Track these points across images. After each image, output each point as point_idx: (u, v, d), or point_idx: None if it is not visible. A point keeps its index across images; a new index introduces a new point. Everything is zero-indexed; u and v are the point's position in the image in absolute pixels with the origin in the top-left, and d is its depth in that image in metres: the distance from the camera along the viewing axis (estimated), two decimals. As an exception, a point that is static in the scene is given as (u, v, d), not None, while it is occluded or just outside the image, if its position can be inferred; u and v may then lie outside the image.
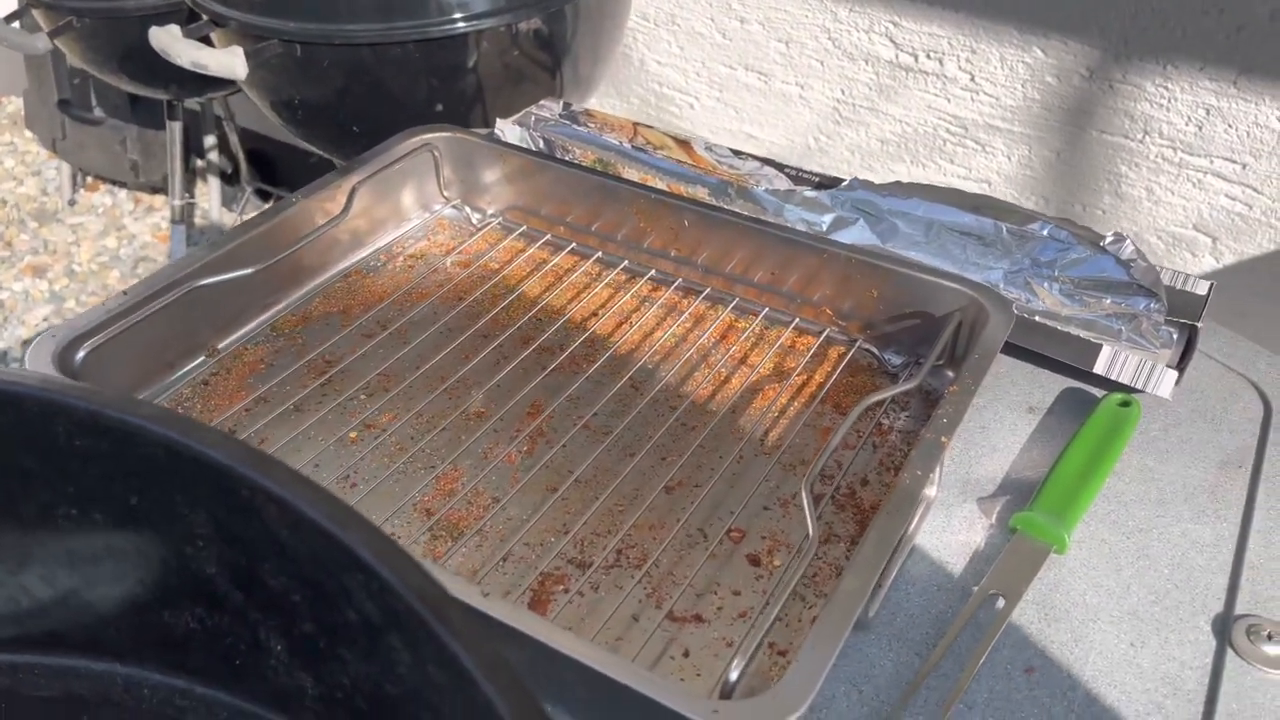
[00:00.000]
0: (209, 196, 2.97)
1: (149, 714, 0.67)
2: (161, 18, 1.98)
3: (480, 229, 1.08)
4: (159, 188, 3.17)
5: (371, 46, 1.57)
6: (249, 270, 0.88)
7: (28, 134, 3.58)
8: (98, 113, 3.09)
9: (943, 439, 0.71)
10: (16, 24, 2.30)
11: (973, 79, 1.65)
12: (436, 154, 1.07)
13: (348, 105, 1.66)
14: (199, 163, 3.01)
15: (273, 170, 3.09)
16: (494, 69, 1.51)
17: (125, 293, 0.84)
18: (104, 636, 0.63)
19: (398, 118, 1.58)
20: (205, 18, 1.68)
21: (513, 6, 1.48)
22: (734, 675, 0.58)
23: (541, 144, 1.10)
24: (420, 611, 0.43)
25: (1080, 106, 1.58)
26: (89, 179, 3.30)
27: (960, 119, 1.69)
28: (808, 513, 0.67)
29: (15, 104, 3.77)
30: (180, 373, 0.88)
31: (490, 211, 1.09)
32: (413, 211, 1.09)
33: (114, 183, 3.26)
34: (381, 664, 0.48)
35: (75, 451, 0.53)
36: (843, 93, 1.79)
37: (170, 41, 1.73)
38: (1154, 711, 0.65)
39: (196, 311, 0.88)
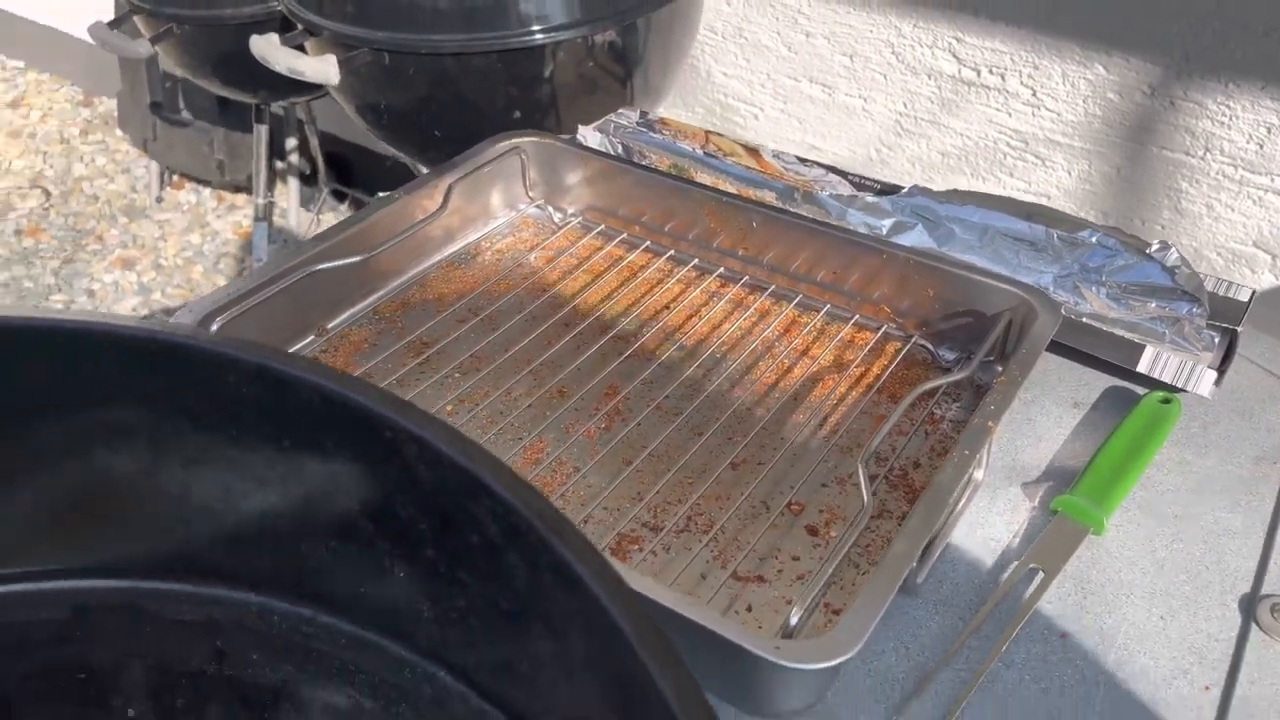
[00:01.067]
0: (288, 196, 3.11)
1: (276, 639, 0.76)
2: (255, 26, 2.11)
3: (561, 227, 1.16)
4: (241, 187, 3.32)
5: (455, 56, 1.67)
6: (358, 258, 0.97)
7: (118, 133, 3.75)
8: (185, 115, 3.25)
9: (990, 424, 0.78)
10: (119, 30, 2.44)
11: (1034, 94, 1.70)
12: (524, 157, 1.15)
13: (431, 111, 1.76)
14: (279, 164, 3.15)
15: (349, 172, 3.22)
16: (569, 79, 1.60)
17: (251, 274, 0.94)
18: (244, 567, 0.72)
19: (477, 124, 1.68)
20: (300, 27, 1.79)
21: (589, 19, 1.57)
22: (794, 621, 0.65)
23: (620, 149, 1.18)
24: (540, 529, 0.51)
25: (1141, 123, 1.62)
26: (175, 177, 3.46)
27: (1021, 133, 1.74)
28: (863, 485, 0.74)
29: (107, 104, 3.96)
30: (294, 349, 0.98)
31: (571, 211, 1.17)
32: (500, 210, 1.18)
33: (199, 181, 3.41)
34: (499, 582, 0.56)
35: (242, 398, 0.61)
36: (905, 106, 1.85)
37: (269, 49, 1.85)
38: (1180, 675, 0.71)
39: (310, 294, 0.97)
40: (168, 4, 2.13)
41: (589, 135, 1.19)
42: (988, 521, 0.83)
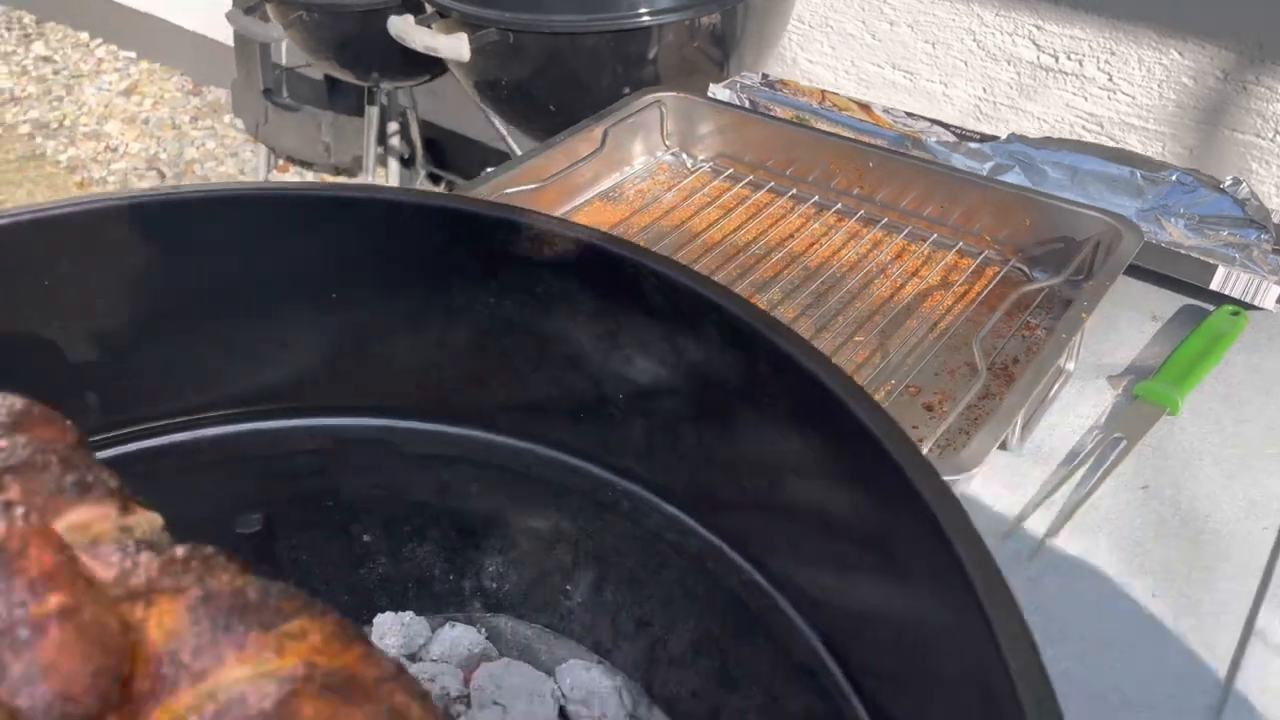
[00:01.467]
0: (388, 177, 3.32)
1: (501, 469, 0.93)
2: (375, 13, 2.31)
3: (693, 171, 1.33)
4: (343, 168, 3.53)
5: (569, 35, 1.85)
6: (535, 185, 1.15)
7: (226, 119, 4.00)
8: (288, 100, 3.47)
9: (1083, 314, 0.93)
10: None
11: (1110, 79, 1.84)
12: (663, 109, 1.32)
13: (544, 87, 1.95)
14: (378, 148, 3.36)
15: (443, 157, 3.43)
16: (671, 59, 1.76)
17: (450, 195, 1.11)
18: (481, 406, 0.89)
19: (586, 99, 1.86)
20: (430, 9, 1.98)
21: (693, 3, 1.73)
22: (925, 452, 0.81)
23: (747, 103, 1.34)
24: (759, 328, 0.67)
25: (1214, 106, 1.75)
26: (280, 160, 3.68)
27: (1097, 117, 1.87)
28: (978, 358, 0.89)
29: (214, 93, 4.20)
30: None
31: (701, 158, 1.34)
32: (639, 156, 1.35)
33: (302, 164, 3.64)
34: (713, 383, 0.72)
35: (507, 255, 0.78)
36: (984, 91, 1.99)
37: (406, 28, 2.06)
38: (1242, 518, 0.85)
39: (492, 213, 1.14)
40: (299, -9, 2.33)
41: (719, 92, 1.36)
42: (1077, 405, 0.97)
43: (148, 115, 4.17)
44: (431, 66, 2.52)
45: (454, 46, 1.92)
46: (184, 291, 0.80)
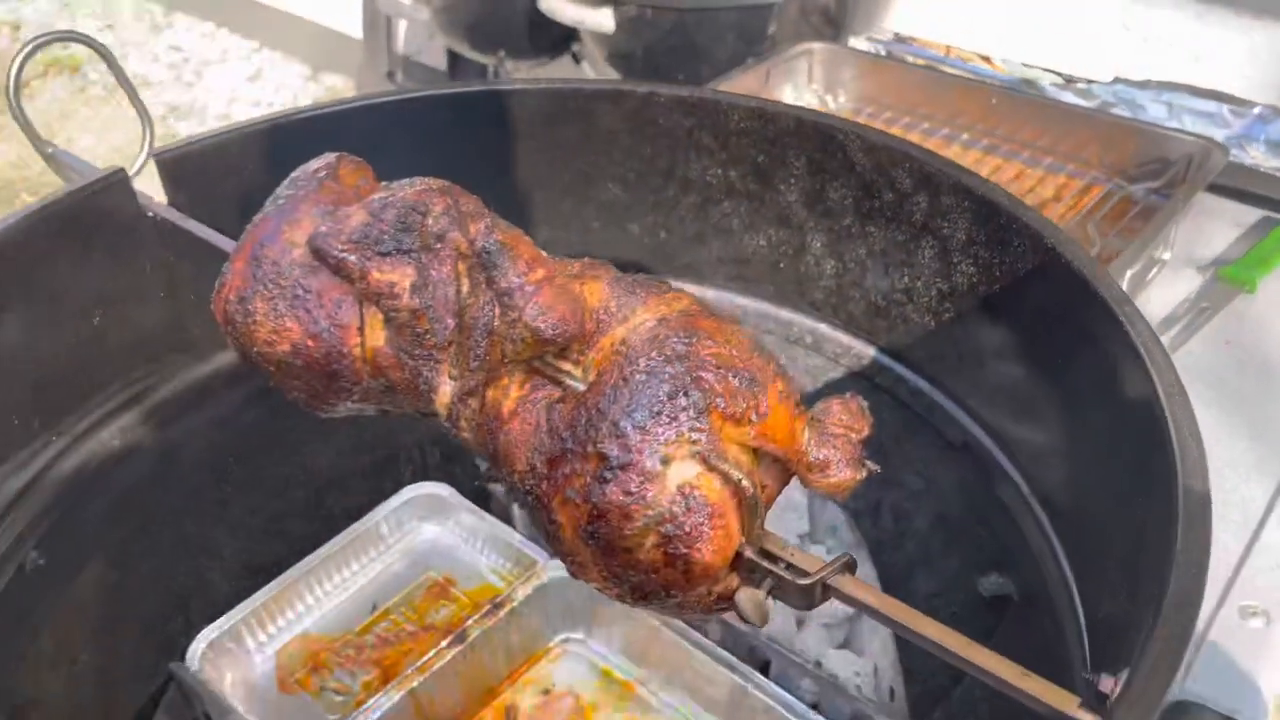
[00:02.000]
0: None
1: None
2: None
3: (837, 110, 1.56)
4: (463, 145, 3.81)
5: (699, 10, 2.10)
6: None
7: (351, 101, 4.29)
8: (402, 81, 3.76)
9: (1177, 207, 1.14)
10: None
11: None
12: (811, 57, 1.56)
13: (672, 57, 2.20)
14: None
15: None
16: (786, 33, 2.00)
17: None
18: (696, 261, 1.13)
19: (705, 69, 2.10)
20: (575, -12, 2.24)
21: None
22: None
23: (883, 53, 1.57)
24: (944, 168, 0.89)
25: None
26: (403, 137, 3.97)
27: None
28: (1093, 232, 1.11)
29: (330, 79, 4.50)
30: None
31: (843, 98, 1.57)
32: (789, 96, 1.58)
33: (423, 141, 3.92)
34: (899, 222, 0.95)
35: (736, 130, 1.02)
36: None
37: (557, 4, 2.33)
38: (1310, 363, 1.06)
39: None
40: (441, -26, 2.60)
41: (858, 44, 1.59)
42: (1173, 284, 1.19)
43: (271, 100, 4.48)
44: (551, 48, 2.78)
45: (601, 20, 2.18)
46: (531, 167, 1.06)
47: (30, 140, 0.92)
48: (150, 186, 0.94)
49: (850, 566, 0.59)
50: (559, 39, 2.73)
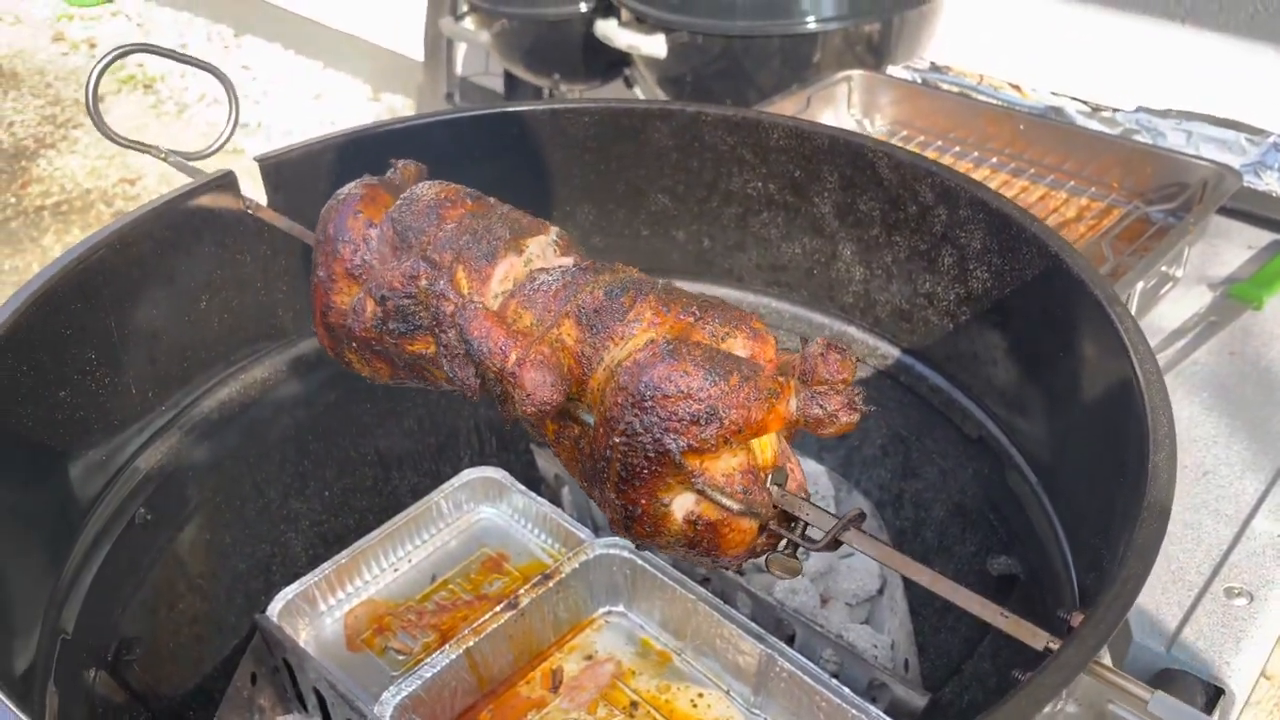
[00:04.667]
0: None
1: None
2: (565, 23, 2.71)
3: (871, 133, 1.66)
4: (516, 164, 3.94)
5: (747, 38, 2.21)
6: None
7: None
8: (459, 102, 3.91)
9: (1190, 226, 1.22)
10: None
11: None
12: (850, 83, 1.66)
13: (721, 81, 2.31)
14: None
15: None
16: (830, 60, 2.09)
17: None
18: (735, 267, 1.22)
19: (753, 93, 2.20)
20: (628, 15, 2.36)
21: (856, 12, 2.06)
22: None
23: (919, 81, 1.67)
24: (964, 185, 0.98)
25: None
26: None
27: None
28: (1106, 251, 1.20)
29: (389, 99, 4.65)
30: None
31: (880, 122, 1.67)
32: (828, 118, 1.68)
33: (479, 159, 4.06)
34: (922, 232, 1.04)
35: (775, 147, 1.12)
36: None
37: (611, 30, 2.46)
38: (1309, 373, 1.13)
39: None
40: (502, 3, 2.74)
41: (895, 71, 1.69)
42: (1184, 300, 1.27)
43: (334, 118, 4.65)
44: (604, 72, 2.90)
45: (653, 45, 2.30)
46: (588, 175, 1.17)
47: (140, 148, 1.04)
48: (251, 189, 1.07)
49: (858, 520, 0.68)
50: (612, 63, 2.86)
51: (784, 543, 0.73)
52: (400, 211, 0.84)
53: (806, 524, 0.72)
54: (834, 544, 0.70)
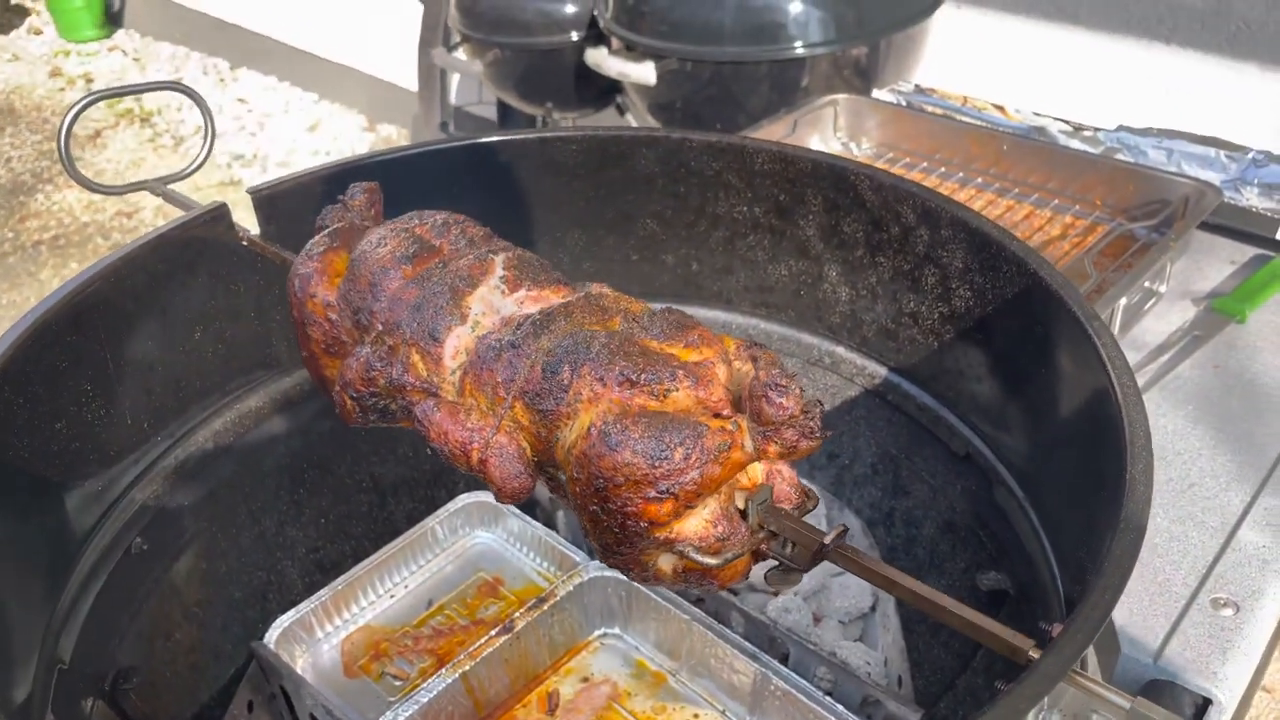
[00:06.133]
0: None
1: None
2: (556, 52, 2.74)
3: (859, 156, 1.68)
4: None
5: (736, 64, 2.24)
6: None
7: (404, 149, 4.47)
8: (460, 133, 3.95)
9: (1171, 242, 1.24)
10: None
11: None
12: (836, 107, 1.68)
13: (711, 107, 2.33)
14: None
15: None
16: (818, 85, 2.12)
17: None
18: (724, 290, 1.24)
19: (743, 118, 2.22)
20: (618, 43, 2.39)
21: (843, 37, 2.08)
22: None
23: (904, 103, 1.69)
24: (946, 207, 1.00)
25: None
26: (454, 183, 4.14)
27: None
28: (1089, 266, 1.21)
29: (386, 129, 4.69)
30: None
31: (866, 145, 1.69)
32: (815, 144, 1.70)
33: (473, 187, 4.09)
34: (905, 253, 1.05)
35: (760, 171, 1.14)
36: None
37: (601, 58, 2.48)
38: (1292, 385, 1.15)
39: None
40: (494, 33, 2.77)
41: (880, 94, 1.71)
42: (1167, 315, 1.28)
43: (329, 149, 4.69)
44: (596, 100, 2.93)
45: (642, 73, 2.33)
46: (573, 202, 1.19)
47: (130, 189, 1.06)
48: (249, 220, 1.09)
49: (841, 535, 0.69)
50: (603, 91, 2.88)
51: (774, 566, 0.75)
52: (346, 289, 0.85)
53: (794, 543, 0.73)
54: (817, 560, 0.71)
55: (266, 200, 1.08)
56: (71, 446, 0.93)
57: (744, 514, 0.73)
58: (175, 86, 1.12)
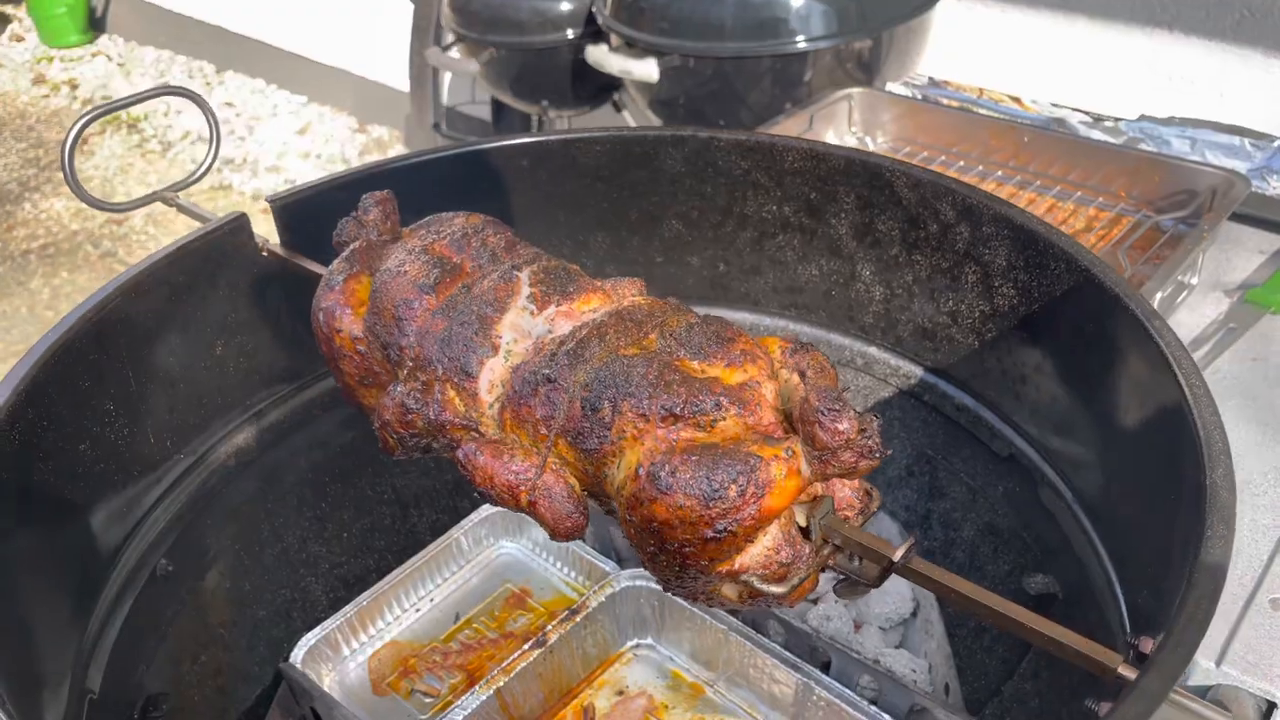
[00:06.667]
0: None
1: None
2: (552, 50, 2.70)
3: (874, 150, 1.66)
4: (506, 191, 3.93)
5: (738, 59, 2.21)
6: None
7: (390, 154, 4.46)
8: (453, 133, 3.91)
9: (1204, 233, 1.22)
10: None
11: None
12: (851, 101, 1.66)
13: (713, 103, 2.31)
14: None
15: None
16: (821, 80, 2.09)
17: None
18: (752, 291, 1.22)
19: (745, 113, 2.20)
20: (618, 40, 2.36)
21: (845, 30, 2.06)
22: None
23: (919, 96, 1.67)
24: (987, 202, 0.98)
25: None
26: (448, 184, 4.10)
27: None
28: (1121, 258, 1.19)
29: (377, 131, 4.64)
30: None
31: (881, 139, 1.67)
32: (830, 137, 1.68)
33: (468, 187, 4.05)
34: (943, 250, 1.03)
35: (790, 169, 1.12)
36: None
37: (603, 56, 2.45)
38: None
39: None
40: (489, 32, 2.73)
41: (895, 88, 1.69)
42: (1200, 308, 1.26)
43: (320, 151, 4.64)
44: (592, 97, 2.90)
45: (645, 69, 2.30)
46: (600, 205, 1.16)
47: (142, 203, 1.03)
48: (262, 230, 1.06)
49: (911, 550, 0.67)
50: (600, 88, 2.85)
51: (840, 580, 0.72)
52: (372, 323, 0.81)
53: (861, 557, 0.70)
54: (886, 576, 0.69)
55: (286, 209, 1.05)
56: (96, 468, 0.89)
57: (806, 532, 0.71)
58: (177, 91, 1.09)
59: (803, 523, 0.70)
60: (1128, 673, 0.57)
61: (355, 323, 0.83)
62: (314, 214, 1.07)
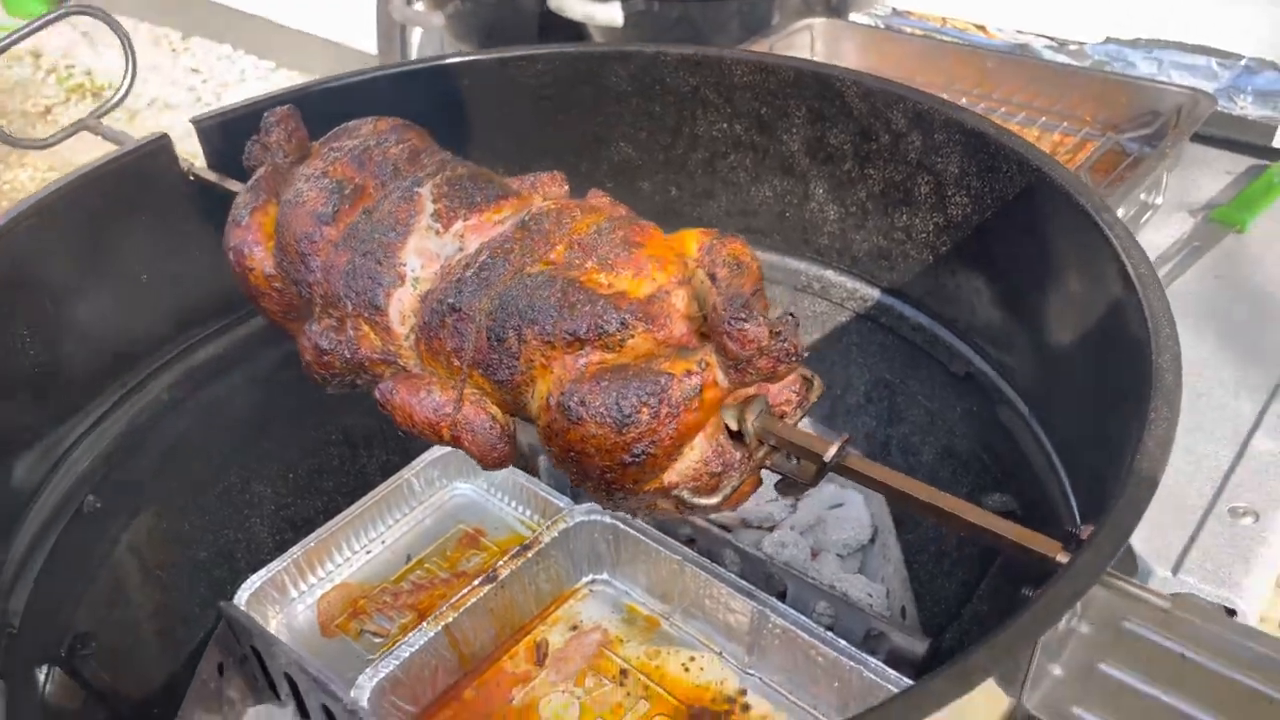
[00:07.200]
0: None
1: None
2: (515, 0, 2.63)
3: (836, 84, 1.62)
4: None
5: (701, 2, 2.17)
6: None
7: (366, 113, 4.36)
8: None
9: (1167, 150, 1.19)
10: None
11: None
12: (812, 31, 1.62)
13: None
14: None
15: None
16: (789, 18, 2.05)
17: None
18: (706, 215, 1.17)
19: None
20: (580, -16, 2.30)
21: None
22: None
23: (881, 26, 1.63)
24: (938, 107, 0.94)
25: None
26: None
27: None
28: (1086, 179, 1.16)
29: (351, 93, 4.57)
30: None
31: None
32: (790, 73, 1.64)
33: (439, 149, 4.00)
34: (895, 162, 0.99)
35: (739, 84, 1.07)
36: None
37: (566, 2, 2.39)
38: (1298, 291, 1.10)
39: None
40: (453, -17, 2.66)
41: (857, 18, 1.65)
42: (1165, 227, 1.23)
43: (291, 115, 4.55)
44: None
45: (610, 14, 2.25)
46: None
47: (80, 130, 0.99)
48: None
49: (845, 445, 0.64)
50: (567, 39, 2.80)
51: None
52: (280, 260, 0.78)
53: (797, 456, 0.67)
54: (823, 474, 0.66)
55: (213, 131, 1.00)
56: (8, 400, 0.86)
57: (739, 435, 0.68)
58: (79, 10, 1.04)
59: (735, 426, 0.67)
60: (1065, 560, 0.55)
61: (267, 258, 0.80)
62: (244, 136, 1.03)
